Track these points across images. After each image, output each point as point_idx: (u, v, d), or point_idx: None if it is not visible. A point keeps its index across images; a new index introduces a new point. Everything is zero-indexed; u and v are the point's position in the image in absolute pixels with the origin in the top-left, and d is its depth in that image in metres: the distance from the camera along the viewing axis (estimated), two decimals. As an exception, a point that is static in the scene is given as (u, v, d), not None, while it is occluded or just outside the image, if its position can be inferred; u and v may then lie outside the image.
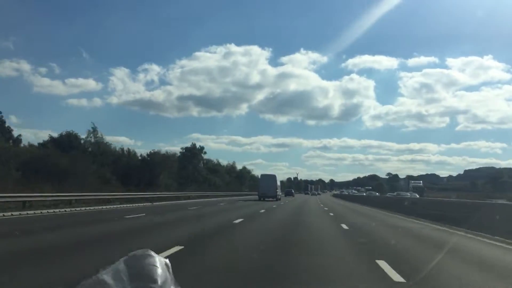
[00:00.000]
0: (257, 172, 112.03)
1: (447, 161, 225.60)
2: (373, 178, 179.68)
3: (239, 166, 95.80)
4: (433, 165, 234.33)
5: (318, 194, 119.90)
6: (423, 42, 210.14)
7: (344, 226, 14.99)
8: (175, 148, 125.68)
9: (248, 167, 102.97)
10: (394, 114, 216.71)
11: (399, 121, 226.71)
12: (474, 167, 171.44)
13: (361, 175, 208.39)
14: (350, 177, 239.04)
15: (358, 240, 11.02)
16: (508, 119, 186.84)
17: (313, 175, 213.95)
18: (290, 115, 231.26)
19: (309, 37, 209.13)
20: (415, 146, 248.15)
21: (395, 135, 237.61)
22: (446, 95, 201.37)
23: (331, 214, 23.54)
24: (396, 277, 6.14)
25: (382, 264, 7.10)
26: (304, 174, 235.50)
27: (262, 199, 44.44)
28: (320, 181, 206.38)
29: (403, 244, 10.72)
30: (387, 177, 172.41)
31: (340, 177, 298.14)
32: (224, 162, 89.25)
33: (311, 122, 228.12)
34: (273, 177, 48.86)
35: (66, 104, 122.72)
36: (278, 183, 51.03)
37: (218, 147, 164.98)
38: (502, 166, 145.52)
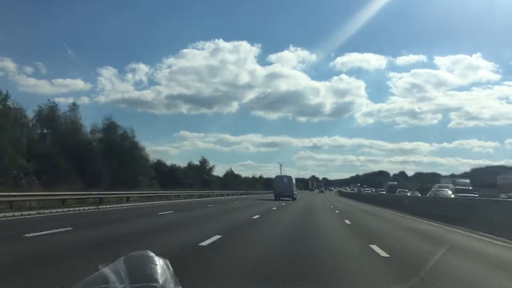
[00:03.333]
0: (246, 174, 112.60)
1: (439, 161, 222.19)
2: (381, 175, 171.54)
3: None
4: (425, 165, 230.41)
5: (330, 190, 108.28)
6: (412, 39, 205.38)
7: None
8: (163, 147, 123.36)
9: (237, 169, 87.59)
10: (386, 111, 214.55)
11: (390, 117, 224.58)
12: (468, 167, 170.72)
13: (360, 173, 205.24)
14: (345, 175, 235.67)
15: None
16: (500, 116, 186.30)
17: (304, 175, 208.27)
18: (281, 111, 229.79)
19: (298, 33, 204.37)
20: (407, 145, 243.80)
21: (387, 133, 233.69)
22: (437, 94, 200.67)
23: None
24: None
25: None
26: (295, 174, 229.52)
27: (278, 198, 49.23)
28: (314, 178, 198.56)
29: None
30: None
31: (333, 176, 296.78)
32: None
33: (302, 119, 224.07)
34: (289, 178, 53.67)
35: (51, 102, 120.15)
36: (294, 182, 55.63)
37: (205, 146, 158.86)
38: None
